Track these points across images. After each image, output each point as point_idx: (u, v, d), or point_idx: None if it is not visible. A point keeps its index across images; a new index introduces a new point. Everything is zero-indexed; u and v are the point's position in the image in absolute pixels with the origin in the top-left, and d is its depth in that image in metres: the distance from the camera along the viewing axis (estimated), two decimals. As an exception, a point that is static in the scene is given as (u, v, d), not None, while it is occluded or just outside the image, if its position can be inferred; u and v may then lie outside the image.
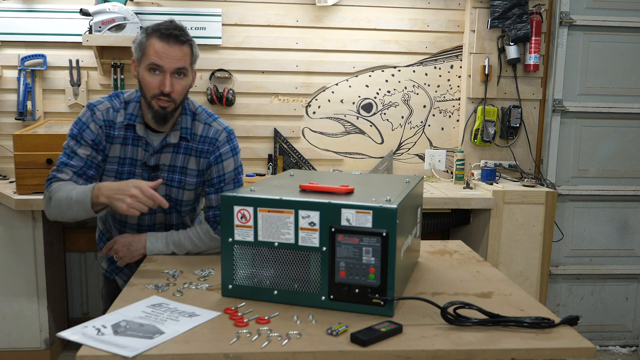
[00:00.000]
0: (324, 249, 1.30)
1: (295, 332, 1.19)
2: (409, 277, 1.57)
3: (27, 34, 3.08)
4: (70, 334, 1.16)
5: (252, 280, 1.37)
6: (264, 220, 1.34)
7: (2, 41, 3.08)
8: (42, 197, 1.76)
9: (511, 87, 3.30)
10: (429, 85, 3.38)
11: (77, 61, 3.13)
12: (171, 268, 1.64)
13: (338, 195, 1.37)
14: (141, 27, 2.95)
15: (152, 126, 1.77)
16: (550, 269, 3.25)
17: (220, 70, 3.21)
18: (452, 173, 3.42)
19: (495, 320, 1.25)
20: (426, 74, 3.37)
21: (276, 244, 1.34)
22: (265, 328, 1.21)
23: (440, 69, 3.37)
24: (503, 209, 2.91)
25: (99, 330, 1.18)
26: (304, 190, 1.42)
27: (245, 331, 1.19)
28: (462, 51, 3.36)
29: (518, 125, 3.28)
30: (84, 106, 3.11)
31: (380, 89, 3.35)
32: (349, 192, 1.40)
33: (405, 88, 3.37)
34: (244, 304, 1.35)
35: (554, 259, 3.36)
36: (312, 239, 1.31)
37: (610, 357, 3.38)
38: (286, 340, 1.15)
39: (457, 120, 3.42)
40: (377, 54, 3.32)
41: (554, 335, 1.21)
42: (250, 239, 1.36)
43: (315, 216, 1.30)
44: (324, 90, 3.32)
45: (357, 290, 1.29)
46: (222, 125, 1.84)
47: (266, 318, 1.25)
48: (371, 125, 3.38)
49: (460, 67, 3.38)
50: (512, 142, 3.34)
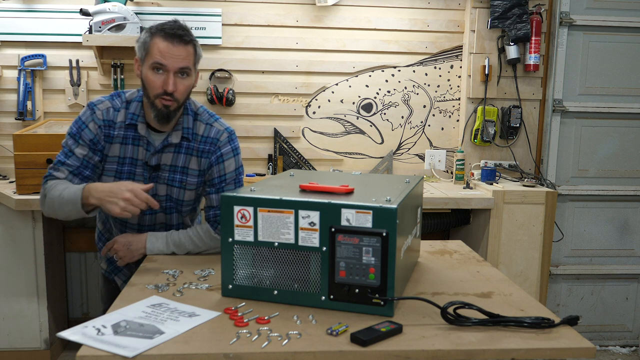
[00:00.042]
0: (324, 249, 1.30)
1: (295, 332, 1.19)
2: (409, 277, 1.57)
3: (27, 34, 3.08)
4: (70, 334, 1.16)
5: (252, 280, 1.37)
6: (264, 220, 1.34)
7: (2, 41, 3.08)
8: (46, 197, 1.77)
9: (511, 87, 3.30)
10: (429, 85, 3.38)
11: (77, 61, 3.13)
12: (171, 268, 1.64)
13: (338, 195, 1.37)
14: (141, 27, 2.96)
15: (154, 126, 1.77)
16: (550, 269, 3.25)
17: (220, 70, 3.21)
18: (452, 173, 3.42)
19: (495, 320, 1.25)
20: (426, 74, 3.37)
21: (276, 244, 1.34)
22: (265, 328, 1.21)
23: (440, 69, 3.37)
24: (503, 209, 2.91)
25: (99, 330, 1.18)
26: (304, 190, 1.42)
27: (245, 331, 1.19)
28: (462, 51, 3.36)
29: (518, 125, 3.28)
30: (84, 106, 3.11)
31: (380, 89, 3.35)
32: (349, 192, 1.40)
33: (405, 88, 3.37)
34: (244, 304, 1.35)
35: (554, 259, 3.36)
36: (312, 239, 1.31)
37: (610, 357, 3.38)
38: (286, 340, 1.15)
39: (457, 120, 3.42)
40: (377, 54, 3.32)
41: (554, 335, 1.21)
42: (250, 239, 1.36)
43: (315, 216, 1.30)
44: (324, 90, 3.32)
45: (357, 290, 1.29)
46: (224, 125, 1.85)
47: (266, 318, 1.25)
48: (371, 125, 3.38)
49: (460, 67, 3.38)
50: (512, 142, 3.34)
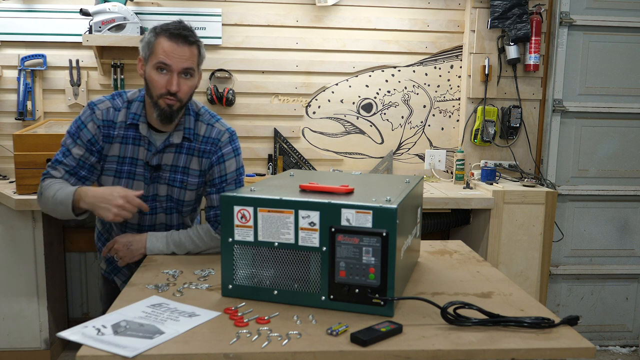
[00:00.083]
0: (324, 249, 1.30)
1: (295, 332, 1.19)
2: (409, 277, 1.57)
3: (27, 34, 3.08)
4: (70, 334, 1.16)
5: (252, 280, 1.37)
6: (264, 220, 1.34)
7: (2, 41, 3.08)
8: (42, 195, 1.79)
9: (511, 87, 3.30)
10: (429, 85, 3.38)
11: (77, 61, 3.12)
12: (171, 268, 1.64)
13: (338, 195, 1.37)
14: (141, 27, 2.96)
15: (155, 126, 1.77)
16: (550, 269, 3.25)
17: (220, 70, 3.21)
18: (452, 173, 3.42)
19: (495, 320, 1.25)
20: (426, 74, 3.37)
21: (276, 244, 1.34)
22: (265, 328, 1.21)
23: (440, 69, 3.37)
24: (503, 209, 2.91)
25: (99, 330, 1.18)
26: (304, 190, 1.42)
27: (245, 331, 1.19)
28: (462, 51, 3.36)
29: (518, 125, 3.27)
30: (83, 106, 3.11)
31: (380, 89, 3.35)
32: (349, 192, 1.40)
33: (405, 88, 3.37)
34: (244, 304, 1.35)
35: (554, 259, 3.36)
36: (312, 239, 1.31)
37: (610, 357, 3.38)
38: (286, 340, 1.15)
39: (457, 120, 3.42)
40: (377, 54, 3.32)
41: (554, 335, 1.21)
42: (250, 239, 1.36)
43: (315, 216, 1.30)
44: (324, 90, 3.32)
45: (357, 290, 1.29)
46: (225, 126, 1.85)
47: (266, 318, 1.25)
48: (371, 125, 3.38)
49: (460, 67, 3.38)
50: (512, 142, 3.34)
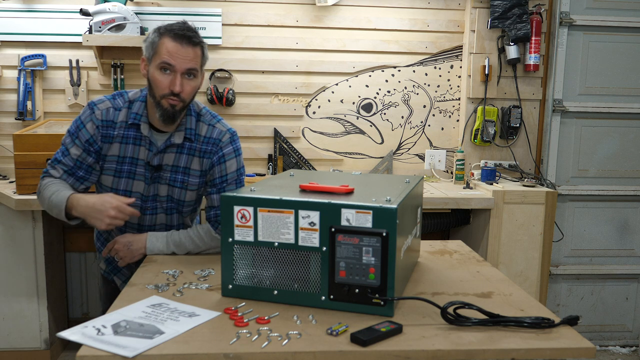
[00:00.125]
0: (324, 249, 1.30)
1: (295, 332, 1.19)
2: (409, 277, 1.57)
3: (27, 34, 3.08)
4: (70, 334, 1.16)
5: (252, 280, 1.37)
6: (264, 220, 1.34)
7: (2, 41, 3.08)
8: (40, 195, 1.84)
9: (511, 87, 3.30)
10: (429, 85, 3.38)
11: (77, 61, 3.12)
12: (171, 268, 1.64)
13: (338, 195, 1.36)
14: (141, 27, 2.96)
15: (157, 126, 1.77)
16: (550, 269, 3.25)
17: (220, 70, 3.21)
18: (452, 173, 3.42)
19: (495, 320, 1.25)
20: (426, 74, 3.37)
21: (276, 244, 1.34)
22: (265, 328, 1.21)
23: (440, 69, 3.37)
24: (503, 209, 2.91)
25: (99, 330, 1.18)
26: (304, 190, 1.42)
27: (245, 331, 1.19)
28: (462, 51, 3.36)
29: (518, 125, 3.27)
30: (83, 106, 3.11)
31: (380, 89, 3.35)
32: (349, 192, 1.40)
33: (405, 88, 3.37)
34: (244, 304, 1.35)
35: (554, 259, 3.36)
36: (312, 239, 1.31)
37: (610, 357, 3.38)
38: (286, 340, 1.15)
39: (457, 120, 3.42)
40: (377, 54, 3.32)
41: (554, 335, 1.21)
42: (250, 239, 1.36)
43: (315, 216, 1.30)
44: (324, 90, 3.32)
45: (357, 290, 1.29)
46: (226, 126, 1.86)
47: (266, 318, 1.25)
48: (371, 125, 3.38)
49: (460, 67, 3.38)
50: (512, 142, 3.34)
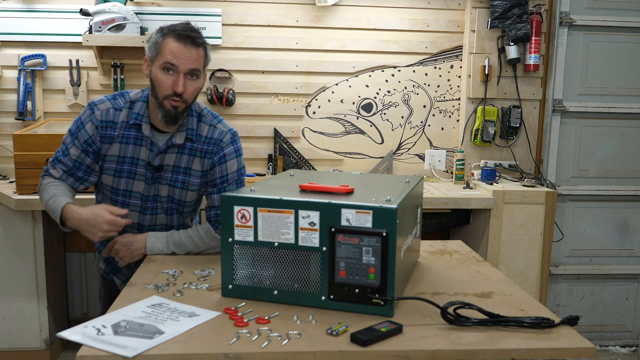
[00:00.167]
0: (324, 249, 1.30)
1: (295, 332, 1.19)
2: (409, 277, 1.57)
3: (27, 34, 3.08)
4: (70, 334, 1.16)
5: (252, 280, 1.37)
6: (264, 220, 1.34)
7: (2, 41, 3.08)
8: (39, 195, 1.86)
9: (511, 87, 3.30)
10: (429, 85, 3.38)
11: (77, 61, 3.12)
12: (171, 268, 1.64)
13: (338, 195, 1.36)
14: (141, 27, 2.96)
15: (158, 126, 1.78)
16: (550, 269, 3.25)
17: (220, 70, 3.21)
18: (452, 173, 3.42)
19: (495, 320, 1.25)
20: (426, 74, 3.37)
21: (276, 244, 1.34)
22: (265, 328, 1.21)
23: (440, 69, 3.37)
24: (503, 209, 2.91)
25: (99, 330, 1.18)
26: (304, 190, 1.42)
27: (245, 331, 1.19)
28: (462, 51, 3.36)
29: (518, 125, 3.27)
30: (83, 106, 3.11)
31: (380, 89, 3.35)
32: (349, 192, 1.40)
33: (405, 88, 3.37)
34: (244, 304, 1.35)
35: (554, 259, 3.36)
36: (312, 239, 1.31)
37: (610, 357, 3.38)
38: (286, 340, 1.15)
39: (457, 120, 3.42)
40: (377, 54, 3.31)
41: (554, 335, 1.21)
42: (250, 239, 1.36)
43: (315, 216, 1.30)
44: (324, 90, 3.32)
45: (357, 290, 1.29)
46: (227, 127, 1.86)
47: (266, 318, 1.25)
48: (371, 125, 3.38)
49: (460, 67, 3.38)
50: (512, 142, 3.34)
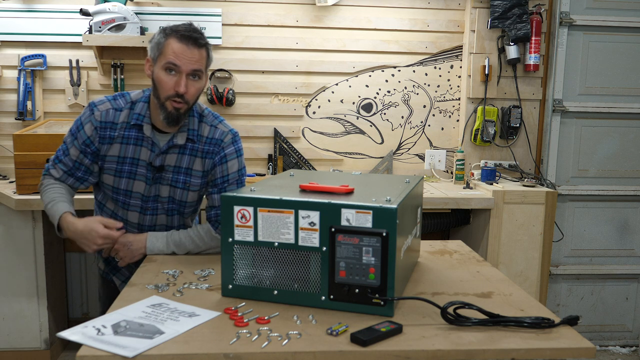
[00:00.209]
0: (324, 249, 1.30)
1: (295, 332, 1.19)
2: (409, 277, 1.57)
3: (27, 34, 3.08)
4: (70, 334, 1.16)
5: (252, 280, 1.37)
6: (264, 220, 1.34)
7: (2, 41, 3.08)
8: (40, 196, 1.87)
9: (511, 87, 3.30)
10: (429, 85, 3.38)
11: (77, 61, 3.12)
12: (171, 268, 1.64)
13: (338, 195, 1.36)
14: (141, 27, 2.96)
15: (159, 127, 1.78)
16: (550, 269, 3.25)
17: (220, 70, 3.21)
18: (452, 173, 3.42)
19: (495, 320, 1.25)
20: (426, 74, 3.37)
21: (276, 244, 1.34)
22: (265, 328, 1.21)
23: (440, 69, 3.37)
24: (503, 209, 2.91)
25: (99, 330, 1.18)
26: (304, 190, 1.42)
27: (245, 331, 1.19)
28: (462, 51, 3.36)
29: (518, 125, 3.27)
30: (83, 106, 3.12)
31: (380, 89, 3.35)
32: (349, 192, 1.40)
33: (405, 88, 3.37)
34: (244, 304, 1.35)
35: (554, 259, 3.36)
36: (312, 239, 1.31)
37: (610, 357, 3.38)
38: (286, 340, 1.15)
39: (457, 120, 3.42)
40: (377, 54, 3.32)
41: (554, 335, 1.21)
42: (250, 239, 1.36)
43: (315, 216, 1.30)
44: (324, 90, 3.32)
45: (357, 290, 1.29)
46: (228, 127, 1.86)
47: (266, 318, 1.25)
48: (371, 125, 3.38)
49: (460, 67, 3.38)
50: (512, 142, 3.34)
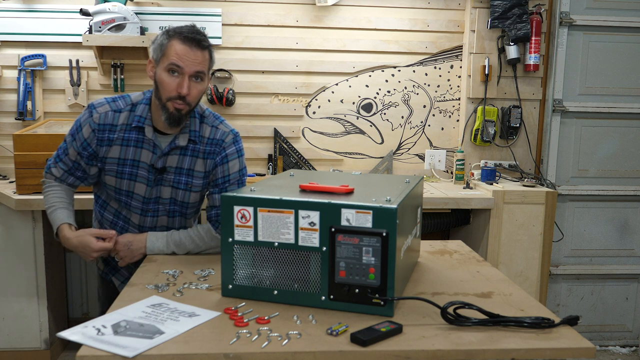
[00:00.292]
0: (324, 249, 1.30)
1: (295, 332, 1.19)
2: (409, 277, 1.57)
3: (27, 34, 3.08)
4: (70, 334, 1.16)
5: (252, 280, 1.37)
6: (264, 220, 1.34)
7: (2, 41, 3.08)
8: (42, 196, 1.89)
9: (511, 87, 3.30)
10: (429, 85, 3.38)
11: (77, 61, 3.12)
12: (171, 268, 1.64)
13: (338, 195, 1.36)
14: (141, 27, 2.96)
15: (160, 128, 1.77)
16: (550, 269, 3.25)
17: (220, 70, 3.21)
18: (452, 173, 3.42)
19: (495, 320, 1.25)
20: (426, 74, 3.37)
21: (276, 244, 1.34)
22: (265, 328, 1.21)
23: (440, 69, 3.37)
24: (503, 209, 2.91)
25: (99, 330, 1.18)
26: (304, 190, 1.42)
27: (245, 331, 1.19)
28: (462, 51, 3.36)
29: (518, 125, 3.27)
30: (84, 106, 3.12)
31: (380, 89, 3.35)
32: (349, 192, 1.40)
33: (405, 88, 3.37)
34: (244, 304, 1.35)
35: (554, 259, 3.36)
36: (312, 239, 1.31)
37: (610, 357, 3.38)
38: (286, 340, 1.15)
39: (457, 120, 3.42)
40: (377, 54, 3.31)
41: (554, 335, 1.21)
42: (250, 239, 1.36)
43: (315, 216, 1.30)
44: (324, 90, 3.32)
45: (357, 290, 1.29)
46: (229, 127, 1.86)
47: (266, 318, 1.25)
48: (371, 125, 3.38)
49: (460, 67, 3.38)
50: (512, 142, 3.34)
